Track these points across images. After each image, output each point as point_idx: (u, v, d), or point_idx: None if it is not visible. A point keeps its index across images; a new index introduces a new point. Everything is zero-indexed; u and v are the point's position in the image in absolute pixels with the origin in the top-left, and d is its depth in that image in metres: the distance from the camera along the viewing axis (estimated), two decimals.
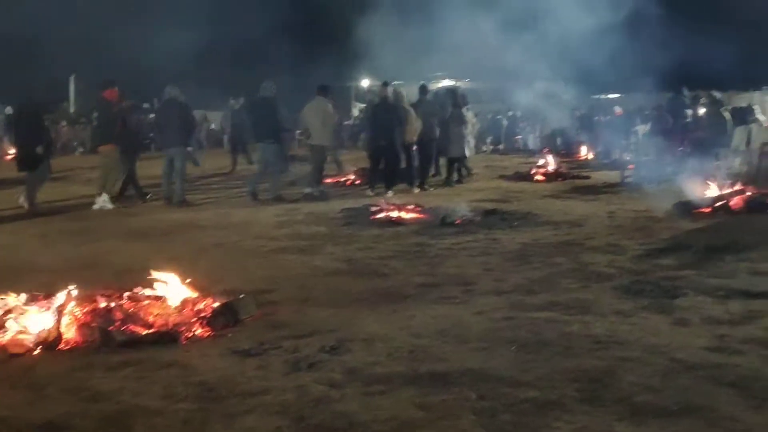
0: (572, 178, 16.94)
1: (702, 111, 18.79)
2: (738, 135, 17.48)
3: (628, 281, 6.93)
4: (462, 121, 16.40)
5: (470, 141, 17.41)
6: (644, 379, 4.47)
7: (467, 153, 16.95)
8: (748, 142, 17.31)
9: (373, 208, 11.56)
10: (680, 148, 17.29)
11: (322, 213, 11.97)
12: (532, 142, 27.23)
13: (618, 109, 25.29)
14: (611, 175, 16.82)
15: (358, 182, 16.41)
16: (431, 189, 15.34)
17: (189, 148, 14.73)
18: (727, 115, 18.03)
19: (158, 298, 6.06)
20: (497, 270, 7.62)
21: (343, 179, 16.79)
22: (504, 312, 6.01)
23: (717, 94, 18.21)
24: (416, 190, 14.97)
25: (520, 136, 28.73)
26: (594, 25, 14.89)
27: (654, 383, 4.40)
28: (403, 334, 5.48)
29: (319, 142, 14.55)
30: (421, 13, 16.15)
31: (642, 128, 20.42)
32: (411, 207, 11.74)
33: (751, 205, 11.11)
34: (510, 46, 15.76)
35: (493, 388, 4.41)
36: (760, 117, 20.88)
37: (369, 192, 14.48)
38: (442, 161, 17.08)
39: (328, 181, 15.98)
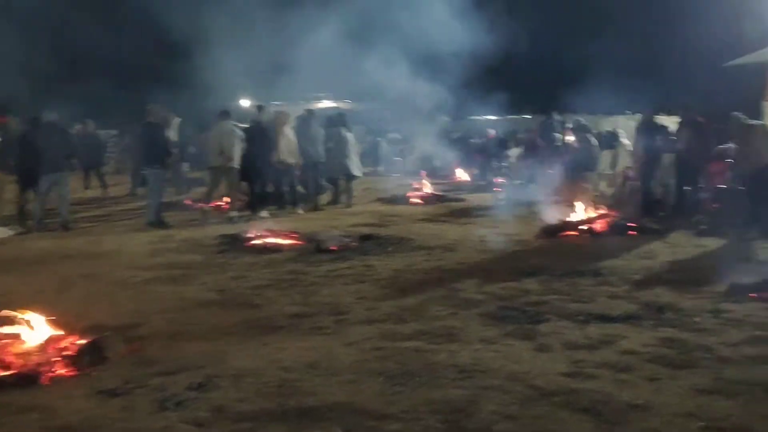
0: (448, 201, 17.29)
1: (569, 135, 19.61)
2: (604, 159, 18.36)
3: (495, 307, 7.16)
4: (347, 142, 16.54)
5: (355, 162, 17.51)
6: (504, 407, 4.64)
7: (357, 173, 17.11)
8: (614, 166, 18.21)
9: (249, 234, 11.48)
10: (550, 172, 17.97)
11: (198, 240, 11.80)
12: (410, 165, 27.62)
13: (492, 132, 26.00)
14: (485, 198, 17.28)
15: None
16: (319, 210, 15.40)
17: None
18: (593, 139, 18.89)
19: (17, 336, 5.84)
20: (370, 298, 7.72)
21: (219, 203, 16.59)
22: (374, 342, 6.10)
23: (582, 119, 19.05)
24: (300, 211, 15.03)
25: (398, 158, 29.08)
26: (467, 49, 15.35)
27: (513, 411, 4.57)
28: (272, 368, 5.48)
29: (224, 163, 14.49)
30: (301, 34, 16.22)
31: (515, 151, 21.08)
32: (287, 233, 11.72)
33: (614, 229, 11.66)
34: (388, 68, 16.04)
35: (360, 421, 4.48)
36: (625, 141, 21.96)
37: (255, 215, 14.57)
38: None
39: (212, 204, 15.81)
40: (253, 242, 11.13)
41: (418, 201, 17.13)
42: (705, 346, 5.77)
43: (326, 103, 36.60)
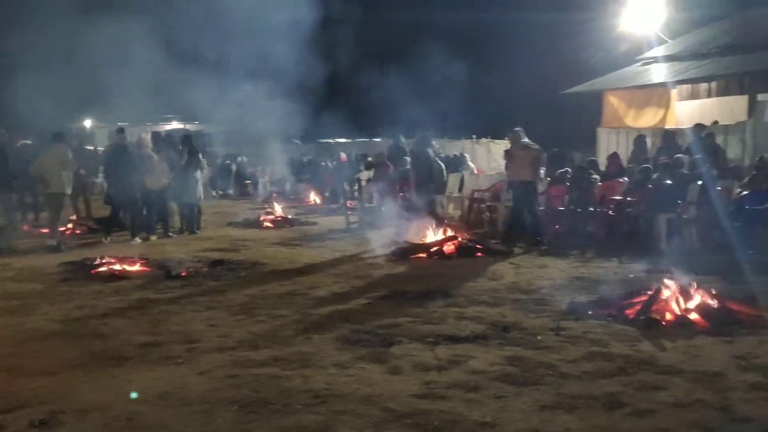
0: (300, 225, 17.31)
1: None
2: (452, 181, 18.89)
3: (348, 331, 7.22)
4: (199, 166, 16.24)
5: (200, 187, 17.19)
6: (358, 431, 4.69)
7: (206, 197, 16.87)
8: (461, 189, 18.77)
9: (95, 262, 11.07)
10: (401, 194, 18.32)
11: (38, 268, 11.26)
12: (262, 188, 27.48)
13: (343, 155, 26.27)
14: (337, 221, 17.41)
15: (78, 232, 15.67)
16: (170, 236, 15.01)
17: None
18: (441, 164, 19.42)
19: None
20: (222, 325, 7.61)
21: (64, 228, 15.93)
22: (227, 370, 6.02)
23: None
24: (153, 237, 14.62)
25: (249, 182, 28.87)
26: (316, 71, 15.50)
27: None
28: (121, 401, 5.31)
29: (57, 190, 13.83)
30: (149, 54, 15.85)
31: (365, 174, 21.35)
32: (135, 259, 11.38)
33: (462, 251, 12.02)
34: (236, 90, 15.93)
35: None
36: (471, 165, 22.73)
37: (104, 240, 14.06)
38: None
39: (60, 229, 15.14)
40: (99, 270, 10.74)
41: (270, 225, 17.05)
42: (547, 363, 6.05)
43: (174, 125, 35.88)
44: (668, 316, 7.26)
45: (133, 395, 5.40)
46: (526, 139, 13.54)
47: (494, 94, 25.85)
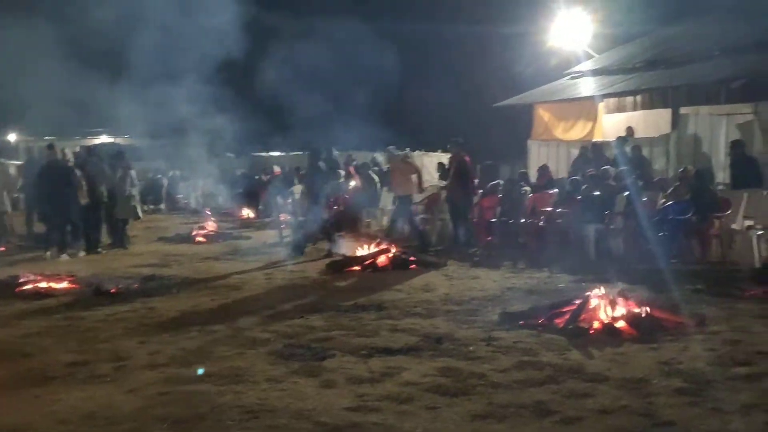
0: (233, 239, 17.17)
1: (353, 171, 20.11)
2: (385, 195, 18.97)
3: (281, 345, 7.19)
4: (132, 182, 16.00)
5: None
6: None
7: (139, 214, 16.58)
8: (395, 202, 18.85)
9: (20, 279, 10.78)
10: (335, 208, 18.31)
11: None
12: (194, 202, 27.15)
13: (277, 169, 26.13)
14: (271, 235, 17.31)
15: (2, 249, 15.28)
16: (100, 252, 14.72)
17: None
18: (375, 177, 19.52)
19: None
20: (153, 342, 7.49)
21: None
22: (158, 387, 5.93)
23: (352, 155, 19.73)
24: (81, 254, 14.32)
25: (181, 196, 28.49)
26: (248, 86, 15.41)
27: None
28: (47, 421, 5.20)
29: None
30: (76, 66, 15.57)
31: (298, 188, 21.29)
32: (63, 276, 11.13)
33: (395, 263, 12.08)
34: (166, 104, 15.74)
35: None
36: None
37: (46, 255, 13.92)
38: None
39: None
40: (24, 288, 10.46)
41: (203, 239, 16.87)
42: (479, 374, 6.11)
43: (103, 139, 35.25)
44: (596, 325, 7.41)
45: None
46: (398, 153, 14.00)
47: (428, 107, 26.13)
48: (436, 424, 5.04)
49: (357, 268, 11.97)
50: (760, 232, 10.93)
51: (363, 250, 12.57)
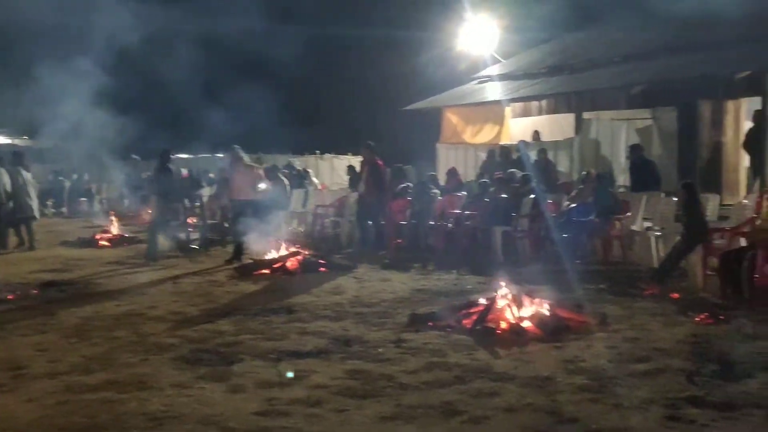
0: (139, 243, 16.75)
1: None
2: (296, 197, 18.89)
3: (188, 350, 7.06)
4: (24, 181, 15.44)
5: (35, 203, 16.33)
6: None
7: (37, 215, 16.03)
8: (305, 204, 18.80)
9: None
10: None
11: None
12: (98, 206, 26.41)
13: (184, 171, 25.65)
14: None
15: None
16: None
17: None
18: (285, 179, 19.39)
19: None
20: (53, 349, 7.24)
21: None
22: (58, 396, 5.74)
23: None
24: None
25: (84, 199, 27.67)
26: (152, 87, 15.10)
27: None
28: None
29: None
30: None
31: (207, 190, 21.00)
32: None
33: (305, 266, 12.01)
34: (69, 104, 15.27)
35: None
36: (315, 180, 22.82)
37: None
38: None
39: None
40: None
41: (106, 243, 16.41)
42: (388, 375, 6.13)
43: (1, 140, 33.93)
44: (503, 325, 7.55)
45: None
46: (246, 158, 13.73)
47: (339, 111, 26.19)
48: (345, 427, 5.03)
49: (266, 271, 11.85)
50: (658, 233, 11.33)
51: (272, 253, 12.46)
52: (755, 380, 5.81)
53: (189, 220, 17.27)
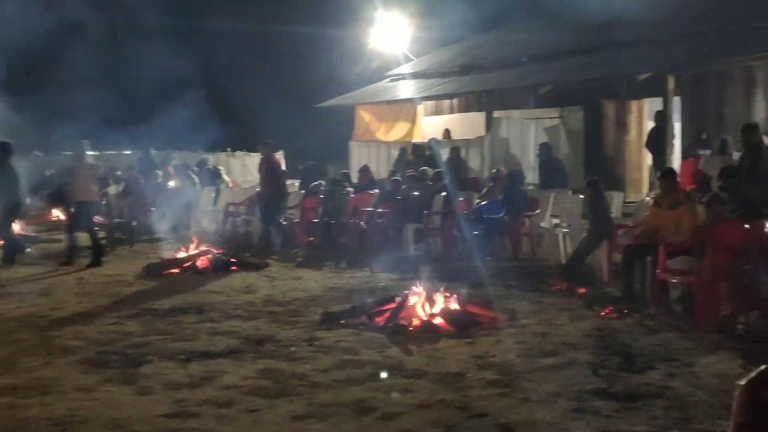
0: (42, 243, 16.22)
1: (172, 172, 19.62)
2: (206, 195, 18.60)
3: (94, 352, 6.88)
4: None
5: None
6: None
7: None
8: (216, 203, 18.52)
9: None
10: (152, 209, 17.76)
11: None
12: None
13: None
14: (84, 238, 16.47)
15: None
16: None
17: None
18: (195, 177, 19.10)
19: None
20: None
21: None
22: None
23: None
24: None
25: None
26: (47, 81, 14.64)
27: None
28: None
29: None
30: None
31: (114, 188, 20.48)
32: None
33: (215, 265, 11.82)
34: None
35: None
36: (226, 178, 22.51)
37: None
38: None
39: None
40: None
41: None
42: (300, 374, 6.11)
43: None
44: (415, 322, 7.60)
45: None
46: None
47: (253, 108, 25.90)
48: (257, 427, 4.99)
49: (176, 270, 11.63)
50: (565, 230, 11.61)
51: (182, 252, 12.25)
52: (656, 371, 6.02)
53: (95, 219, 16.78)
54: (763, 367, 1.46)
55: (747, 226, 7.96)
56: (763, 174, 9.58)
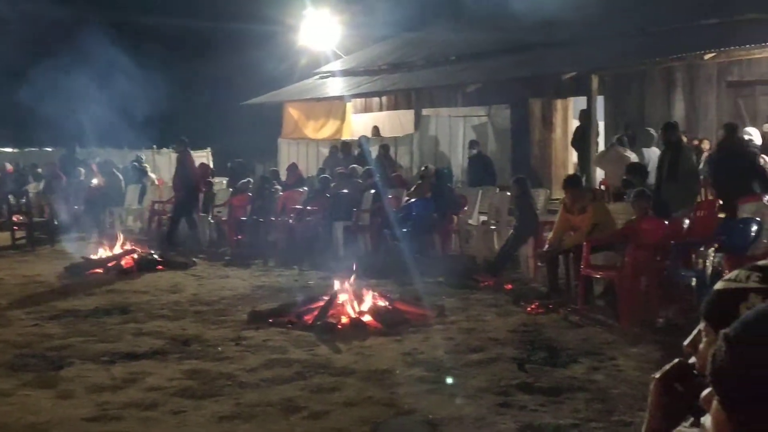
0: None
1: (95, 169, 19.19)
2: (131, 193, 18.26)
3: (12, 356, 6.67)
4: None
5: None
6: None
7: None
8: (141, 201, 18.19)
9: None
10: (75, 207, 17.34)
11: None
12: None
13: (9, 166, 24.24)
14: (2, 237, 16.00)
15: None
16: None
17: None
18: (119, 174, 18.74)
19: None
20: None
21: None
22: None
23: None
24: None
25: None
26: None
27: None
28: None
29: None
30: None
31: (34, 186, 19.94)
32: None
33: (141, 264, 11.60)
34: None
35: None
36: (152, 175, 22.12)
37: None
38: None
39: None
40: None
41: None
42: (227, 374, 6.03)
43: None
44: (344, 320, 7.59)
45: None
46: None
47: (179, 106, 25.53)
48: (182, 429, 4.91)
49: (99, 270, 11.37)
50: (493, 227, 11.74)
51: (106, 251, 11.98)
52: (580, 365, 6.13)
53: (15, 218, 16.31)
54: (676, 360, 1.49)
55: (666, 222, 8.17)
56: (683, 171, 9.83)
